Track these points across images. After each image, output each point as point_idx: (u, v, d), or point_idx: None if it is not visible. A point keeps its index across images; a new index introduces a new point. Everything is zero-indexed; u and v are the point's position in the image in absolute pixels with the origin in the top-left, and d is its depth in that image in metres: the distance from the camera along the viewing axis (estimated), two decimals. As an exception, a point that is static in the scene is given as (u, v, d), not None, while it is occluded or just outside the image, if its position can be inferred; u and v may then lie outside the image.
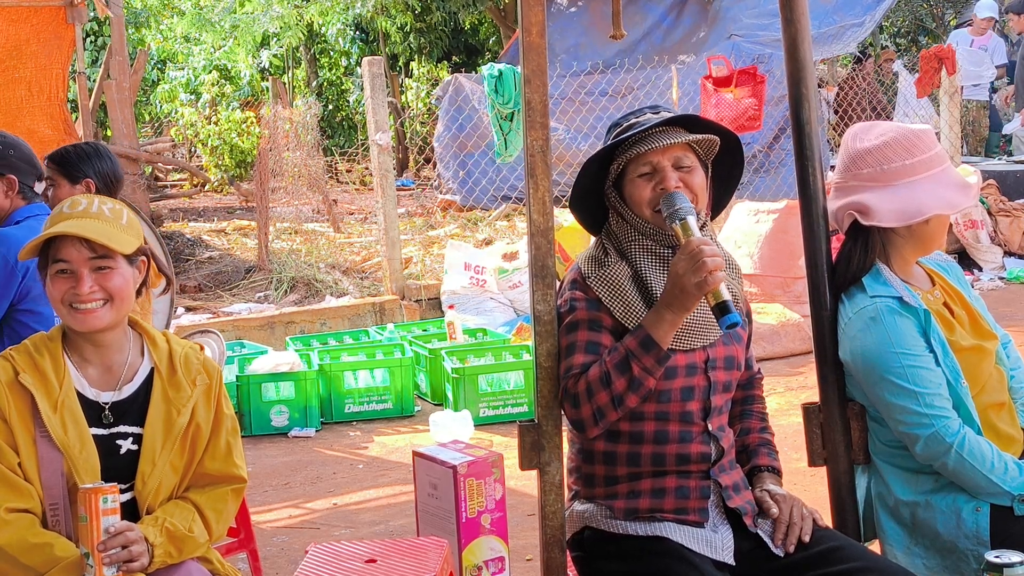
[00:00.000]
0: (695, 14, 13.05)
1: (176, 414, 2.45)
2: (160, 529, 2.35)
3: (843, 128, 11.99)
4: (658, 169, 2.43)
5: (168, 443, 2.43)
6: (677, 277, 2.26)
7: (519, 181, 10.61)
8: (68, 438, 2.35)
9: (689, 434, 2.45)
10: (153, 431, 2.42)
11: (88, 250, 2.37)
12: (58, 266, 2.38)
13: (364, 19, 16.46)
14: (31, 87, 8.12)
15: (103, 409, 2.42)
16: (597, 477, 2.51)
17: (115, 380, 2.46)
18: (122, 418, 2.43)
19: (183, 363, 2.51)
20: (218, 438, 2.51)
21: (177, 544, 2.37)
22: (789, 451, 4.24)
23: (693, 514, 2.43)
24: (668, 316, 2.30)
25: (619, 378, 2.32)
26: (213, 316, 7.80)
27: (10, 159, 3.61)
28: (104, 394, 2.44)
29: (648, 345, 2.31)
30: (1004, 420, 2.65)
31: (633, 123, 2.49)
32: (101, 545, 2.21)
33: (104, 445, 2.39)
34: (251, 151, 13.80)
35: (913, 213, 2.57)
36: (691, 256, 2.24)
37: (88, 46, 16.36)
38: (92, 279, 2.37)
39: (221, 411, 2.53)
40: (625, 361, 2.32)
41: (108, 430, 2.42)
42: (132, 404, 2.45)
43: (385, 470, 5.27)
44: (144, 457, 2.41)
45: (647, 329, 2.32)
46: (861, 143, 2.65)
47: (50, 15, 8.10)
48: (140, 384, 2.47)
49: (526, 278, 5.38)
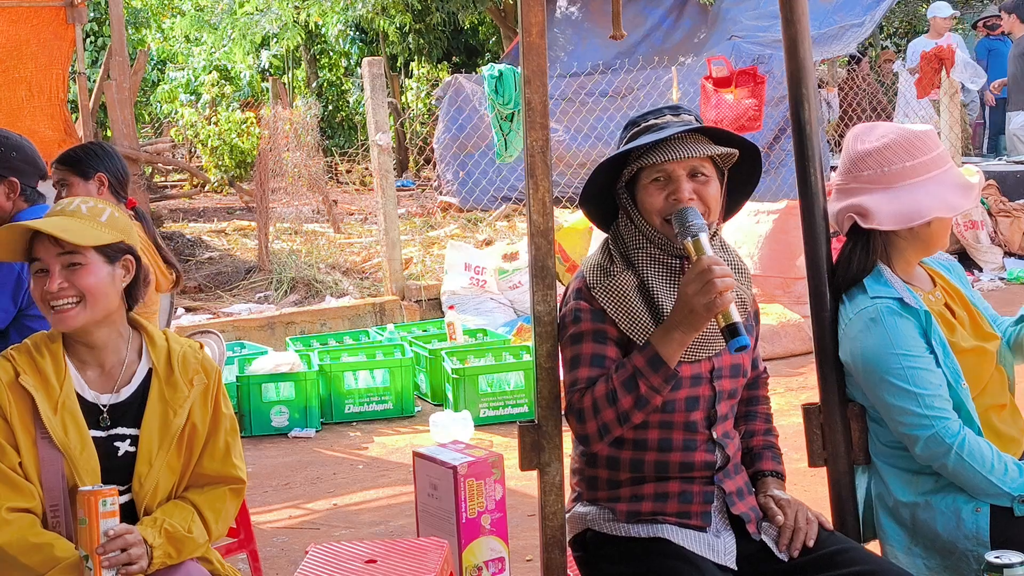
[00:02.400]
0: (695, 15, 13.05)
1: (172, 415, 2.43)
2: (159, 530, 2.35)
3: (844, 129, 11.99)
4: (672, 178, 2.37)
5: (165, 444, 2.42)
6: (687, 297, 2.23)
7: (519, 182, 10.61)
8: (69, 439, 2.34)
9: (693, 442, 2.43)
10: (149, 432, 2.41)
11: (56, 246, 2.35)
12: (35, 265, 2.38)
13: (364, 20, 16.45)
14: (32, 87, 8.12)
15: (101, 412, 2.42)
16: (600, 480, 2.50)
17: (113, 382, 2.45)
18: (119, 420, 2.43)
19: (181, 363, 2.49)
20: (216, 438, 2.50)
21: (176, 545, 2.37)
22: (789, 451, 4.19)
23: (696, 518, 2.42)
24: (677, 336, 2.28)
25: (626, 396, 2.31)
26: (213, 316, 7.80)
27: (12, 161, 3.60)
28: (103, 396, 2.43)
29: (656, 364, 2.29)
30: (1005, 421, 2.65)
31: (652, 124, 2.43)
32: (100, 548, 2.21)
33: (102, 447, 2.39)
34: (251, 152, 13.80)
35: (912, 216, 2.55)
36: (700, 276, 2.21)
37: (88, 46, 16.36)
38: (62, 276, 2.35)
39: (219, 411, 2.52)
40: (632, 379, 2.30)
41: (106, 432, 2.41)
42: (130, 406, 2.44)
43: (385, 470, 5.27)
44: (141, 458, 2.40)
45: (655, 347, 2.30)
46: (862, 145, 2.64)
47: (50, 15, 8.10)
48: (138, 386, 2.46)
49: (526, 278, 5.38)
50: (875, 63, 15.56)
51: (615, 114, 11.16)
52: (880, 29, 17.55)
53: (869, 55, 16.55)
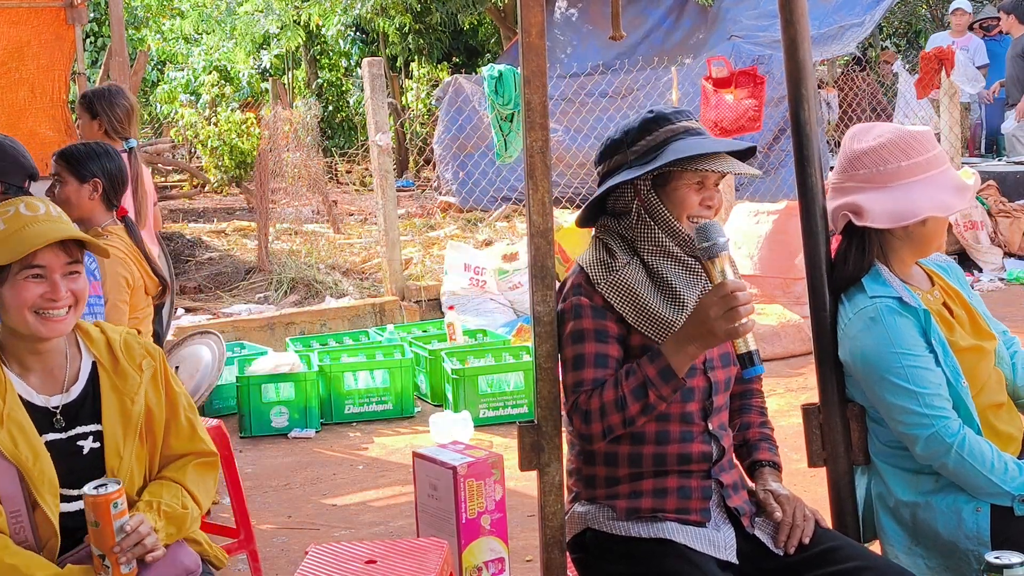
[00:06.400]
0: (695, 16, 13.06)
1: (130, 403, 2.42)
2: (158, 513, 2.37)
3: (843, 129, 12.00)
4: (706, 185, 2.46)
5: (130, 434, 2.41)
6: (707, 318, 2.25)
7: (519, 182, 10.61)
8: (19, 451, 2.29)
9: (690, 434, 2.45)
10: (112, 425, 2.40)
11: (65, 255, 2.36)
12: (33, 271, 2.34)
13: (364, 20, 16.45)
14: (33, 88, 8.12)
15: (54, 414, 2.39)
16: (598, 478, 2.50)
17: (59, 383, 2.42)
18: (76, 419, 2.40)
19: (124, 350, 2.48)
20: (177, 419, 2.51)
21: (176, 523, 2.40)
22: (789, 452, 4.23)
23: (695, 514, 2.43)
24: (692, 349, 2.30)
25: (635, 403, 2.34)
26: (213, 317, 7.80)
27: None
28: (52, 398, 2.40)
29: (667, 376, 2.31)
30: (1003, 420, 2.66)
31: (687, 128, 2.46)
32: (117, 547, 2.22)
33: (64, 449, 2.36)
34: (251, 152, 13.79)
35: (906, 215, 2.56)
36: (724, 300, 2.23)
37: (88, 47, 16.37)
38: (64, 284, 2.36)
39: (172, 391, 2.51)
40: (643, 388, 2.32)
41: (65, 434, 2.38)
42: (83, 403, 2.42)
43: (385, 471, 5.27)
44: (109, 452, 2.39)
45: (668, 358, 2.31)
46: (859, 144, 2.64)
47: (50, 16, 8.11)
48: (86, 381, 2.44)
49: (526, 279, 5.38)
50: (875, 63, 15.56)
51: (615, 114, 11.16)
52: (880, 29, 17.56)
53: (869, 55, 16.56)
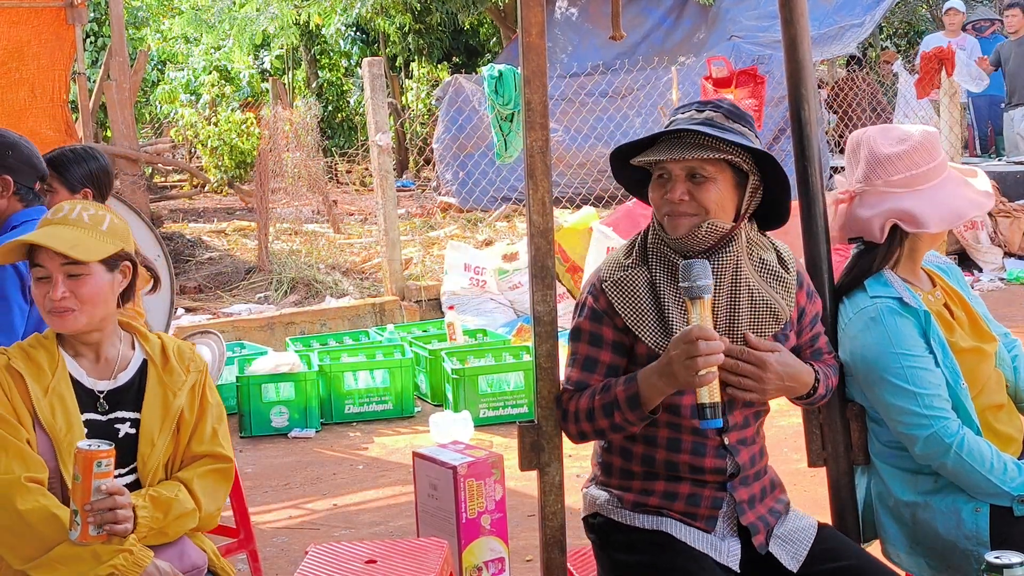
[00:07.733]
0: (695, 15, 13.07)
1: (172, 397, 2.53)
2: (143, 496, 2.41)
3: (843, 129, 11.99)
4: (669, 177, 2.33)
5: (167, 425, 2.51)
6: (670, 360, 2.20)
7: (519, 182, 10.61)
8: (55, 421, 2.41)
9: (703, 447, 2.37)
10: (151, 414, 2.50)
11: (61, 257, 2.42)
12: (36, 271, 2.46)
13: (364, 20, 16.45)
14: (34, 89, 8.12)
15: (98, 397, 2.50)
16: (614, 468, 2.48)
17: (110, 370, 2.54)
18: (118, 405, 2.51)
19: (176, 353, 2.60)
20: (204, 424, 2.58)
21: (162, 508, 2.42)
22: (789, 452, 4.26)
23: (701, 521, 2.38)
24: (659, 384, 2.25)
25: (603, 419, 2.35)
26: (213, 317, 7.80)
27: (6, 159, 3.57)
28: (100, 383, 2.51)
29: (633, 403, 2.29)
30: (1003, 421, 2.66)
31: (673, 120, 2.38)
32: (88, 505, 2.25)
33: (101, 429, 2.46)
34: (251, 152, 13.79)
35: (954, 217, 2.60)
36: (687, 348, 2.16)
37: (88, 47, 16.35)
38: (66, 285, 2.43)
39: (206, 400, 2.60)
40: (611, 407, 2.32)
41: (105, 416, 2.49)
42: (128, 391, 2.53)
43: (385, 471, 5.27)
44: (143, 439, 2.49)
45: (638, 386, 2.28)
46: (885, 148, 2.61)
47: (50, 16, 8.10)
48: (135, 372, 2.55)
49: (526, 279, 5.38)
50: (875, 63, 15.55)
51: (615, 114, 11.17)
52: (880, 29, 17.55)
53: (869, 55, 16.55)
